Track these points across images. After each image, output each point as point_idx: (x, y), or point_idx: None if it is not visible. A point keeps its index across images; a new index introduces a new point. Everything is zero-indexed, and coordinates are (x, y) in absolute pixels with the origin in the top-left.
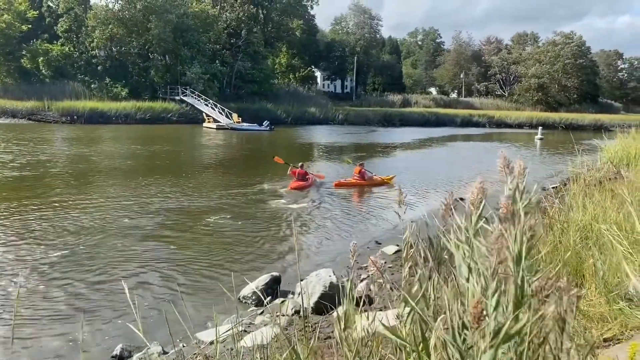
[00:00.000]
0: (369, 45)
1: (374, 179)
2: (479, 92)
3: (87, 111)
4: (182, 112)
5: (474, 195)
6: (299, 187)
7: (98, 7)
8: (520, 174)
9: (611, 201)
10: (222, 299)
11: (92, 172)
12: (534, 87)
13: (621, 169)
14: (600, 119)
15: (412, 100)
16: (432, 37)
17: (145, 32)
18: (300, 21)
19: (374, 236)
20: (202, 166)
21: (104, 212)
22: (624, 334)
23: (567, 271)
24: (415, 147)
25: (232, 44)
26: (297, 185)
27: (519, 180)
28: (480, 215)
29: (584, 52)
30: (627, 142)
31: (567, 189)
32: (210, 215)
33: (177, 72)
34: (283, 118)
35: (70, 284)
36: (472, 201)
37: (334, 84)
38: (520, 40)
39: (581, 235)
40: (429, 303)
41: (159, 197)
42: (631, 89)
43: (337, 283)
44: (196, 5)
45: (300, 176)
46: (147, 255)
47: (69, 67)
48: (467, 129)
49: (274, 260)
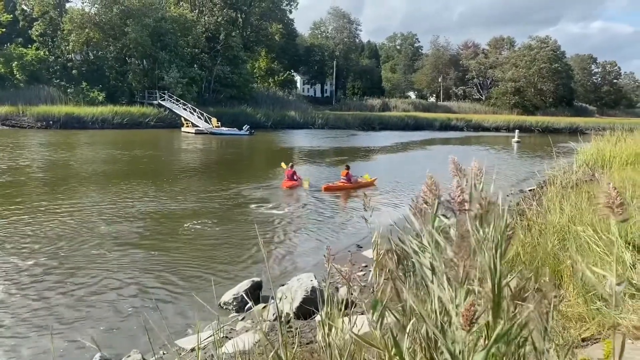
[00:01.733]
0: (348, 49)
1: (360, 182)
2: (457, 96)
3: (63, 116)
4: (160, 117)
5: (428, 195)
6: (291, 186)
7: (74, 10)
8: (476, 175)
9: (587, 203)
10: (202, 306)
11: (68, 178)
12: (511, 91)
13: (596, 171)
14: (576, 122)
15: (391, 104)
16: (411, 41)
17: (123, 36)
18: (280, 25)
19: (355, 239)
20: (181, 171)
21: (81, 218)
22: (602, 334)
23: (546, 272)
24: (396, 151)
25: (211, 48)
26: (290, 184)
27: (475, 181)
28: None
29: (559, 57)
30: (602, 145)
31: (544, 191)
32: (189, 221)
33: (155, 77)
34: (263, 122)
35: (45, 293)
36: (426, 200)
37: (313, 88)
38: (497, 45)
39: (559, 237)
40: (404, 307)
41: (137, 203)
42: (605, 92)
43: (319, 287)
44: (174, 9)
45: (290, 176)
46: (126, 262)
47: (44, 71)
48: (445, 133)
49: (255, 265)
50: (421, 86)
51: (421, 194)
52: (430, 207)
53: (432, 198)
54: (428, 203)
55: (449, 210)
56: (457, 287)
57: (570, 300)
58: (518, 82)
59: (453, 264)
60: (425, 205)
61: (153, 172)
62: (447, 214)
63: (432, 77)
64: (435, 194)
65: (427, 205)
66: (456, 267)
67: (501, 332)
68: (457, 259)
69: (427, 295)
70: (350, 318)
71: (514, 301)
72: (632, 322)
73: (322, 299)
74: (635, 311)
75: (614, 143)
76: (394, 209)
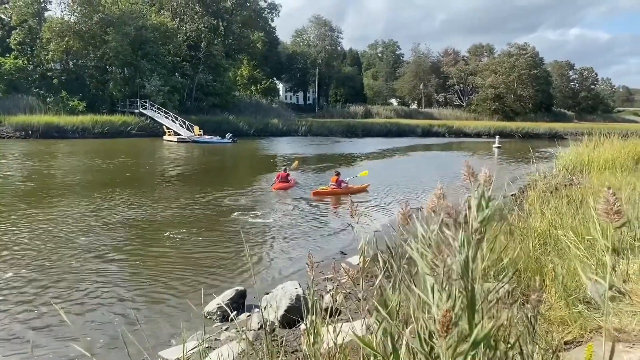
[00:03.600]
0: (330, 57)
1: (350, 188)
2: (438, 103)
3: (43, 126)
4: (141, 126)
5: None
6: (282, 188)
7: (53, 19)
8: (486, 182)
9: (567, 207)
10: (186, 316)
11: (49, 188)
12: (491, 97)
13: (575, 175)
14: (555, 127)
15: (373, 111)
16: (392, 49)
17: (103, 45)
18: (261, 33)
19: (340, 247)
20: (163, 180)
21: (61, 228)
22: (584, 337)
23: (528, 276)
24: (381, 157)
25: (193, 56)
26: (279, 187)
27: (484, 188)
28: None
29: (538, 63)
30: (580, 150)
31: (525, 196)
32: (173, 230)
33: (136, 85)
34: (245, 130)
35: (25, 305)
36: (432, 208)
37: (296, 96)
38: (477, 52)
39: (540, 241)
40: (396, 312)
41: (119, 212)
42: (582, 98)
43: (304, 295)
44: (155, 18)
45: (283, 178)
46: (107, 272)
47: (22, 80)
48: (427, 139)
49: (239, 274)
50: (403, 93)
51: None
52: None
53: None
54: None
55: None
56: (441, 290)
57: (553, 304)
58: (498, 88)
59: (434, 265)
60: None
61: (135, 181)
62: None
63: (413, 84)
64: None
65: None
66: (437, 267)
67: (477, 337)
68: (437, 260)
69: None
70: (335, 326)
71: (494, 304)
72: (613, 324)
73: (307, 307)
74: (617, 314)
75: (592, 148)
76: (382, 214)
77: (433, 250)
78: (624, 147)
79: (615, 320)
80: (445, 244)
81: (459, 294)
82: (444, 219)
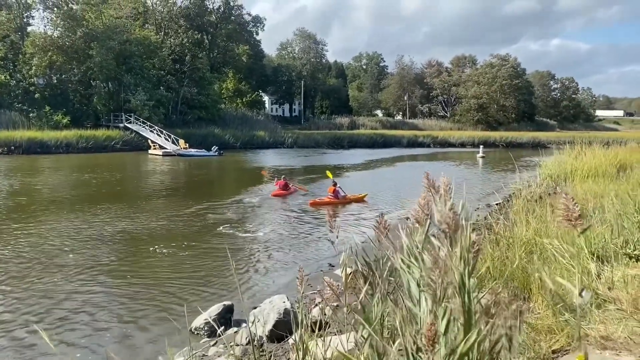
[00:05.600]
0: (315, 69)
1: (347, 198)
2: (423, 114)
3: (26, 141)
4: (126, 140)
5: (418, 213)
6: (279, 195)
7: (36, 34)
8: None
9: (552, 215)
10: (173, 332)
11: (32, 204)
12: (474, 108)
13: (559, 184)
14: (538, 136)
15: (359, 122)
16: (376, 61)
17: (87, 59)
18: (246, 46)
19: (328, 258)
20: (148, 194)
21: (46, 244)
22: (571, 345)
23: (515, 285)
24: (368, 168)
25: (177, 70)
26: (277, 194)
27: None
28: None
29: (519, 73)
30: (564, 159)
31: (510, 205)
32: (159, 245)
33: (120, 99)
34: (232, 143)
35: (9, 325)
36: (418, 219)
37: (282, 108)
38: (459, 63)
39: (526, 250)
40: (380, 326)
41: (104, 227)
42: (564, 107)
43: (292, 309)
44: (139, 32)
45: (281, 187)
46: (92, 288)
47: (5, 96)
48: (413, 150)
49: (227, 288)
50: (388, 104)
51: (412, 212)
52: (421, 226)
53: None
54: (420, 222)
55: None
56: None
57: (540, 313)
58: (481, 98)
59: (431, 282)
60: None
61: (120, 196)
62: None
63: (397, 95)
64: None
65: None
66: (434, 284)
67: (464, 349)
68: (434, 277)
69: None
70: (323, 339)
71: (485, 317)
72: (600, 332)
73: (296, 321)
74: (602, 321)
75: (574, 157)
76: (367, 226)
77: (427, 266)
78: (605, 155)
79: (601, 327)
80: (439, 259)
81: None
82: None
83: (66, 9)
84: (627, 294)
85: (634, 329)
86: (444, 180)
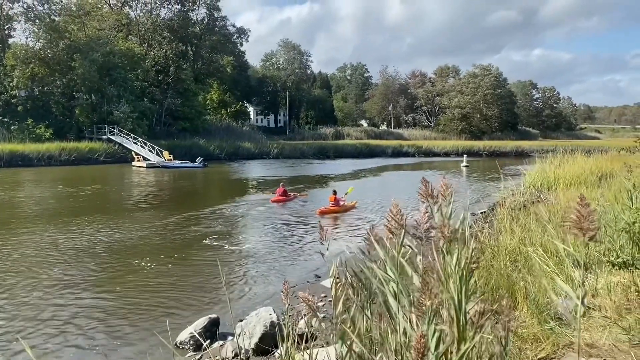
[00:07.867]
0: (299, 80)
1: (346, 205)
2: (407, 123)
3: (7, 154)
4: (109, 152)
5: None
6: (278, 201)
7: (17, 46)
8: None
9: (536, 224)
10: (157, 346)
11: (13, 217)
12: (458, 117)
13: (542, 192)
14: (521, 145)
15: (344, 132)
16: (361, 71)
17: (70, 71)
18: (231, 57)
19: (314, 269)
20: (132, 207)
21: (27, 258)
22: (557, 353)
23: (500, 294)
24: (354, 177)
25: (161, 81)
26: (276, 200)
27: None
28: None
29: (502, 83)
30: (546, 167)
31: (494, 213)
32: (142, 258)
33: (104, 111)
34: (217, 154)
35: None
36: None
37: (267, 119)
38: (443, 73)
39: (511, 259)
40: (365, 339)
41: (87, 241)
42: (546, 116)
43: (278, 321)
44: (122, 44)
45: (281, 193)
46: (75, 303)
47: None
48: (398, 159)
49: (212, 301)
50: (372, 114)
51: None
52: (395, 236)
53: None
54: (394, 232)
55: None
56: (425, 319)
57: (525, 321)
58: (464, 108)
59: (420, 302)
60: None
61: (104, 208)
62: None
63: (382, 105)
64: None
65: (392, 234)
66: (424, 304)
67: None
68: (424, 296)
69: (391, 325)
70: (310, 352)
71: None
72: (584, 339)
73: (282, 334)
74: (587, 329)
75: (557, 165)
76: (355, 236)
77: (415, 285)
78: (587, 163)
79: (586, 335)
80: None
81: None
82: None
83: (48, 20)
84: (611, 301)
85: (618, 336)
86: (443, 184)
